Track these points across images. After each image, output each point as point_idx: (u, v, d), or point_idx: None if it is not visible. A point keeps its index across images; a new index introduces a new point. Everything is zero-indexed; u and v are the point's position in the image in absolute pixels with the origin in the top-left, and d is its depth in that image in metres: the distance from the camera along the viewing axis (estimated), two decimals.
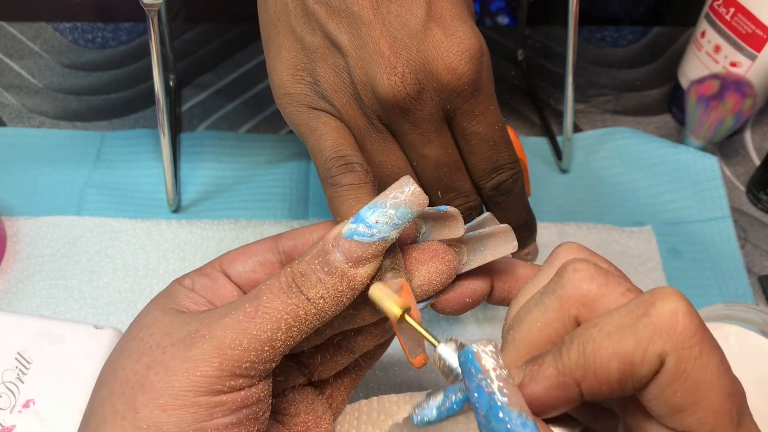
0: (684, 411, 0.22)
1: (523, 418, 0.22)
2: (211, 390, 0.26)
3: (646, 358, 0.22)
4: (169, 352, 0.27)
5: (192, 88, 0.63)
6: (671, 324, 0.22)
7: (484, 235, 0.31)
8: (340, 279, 0.28)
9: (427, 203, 0.28)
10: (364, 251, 0.28)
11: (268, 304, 0.27)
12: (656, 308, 0.22)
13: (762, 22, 0.53)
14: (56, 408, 0.39)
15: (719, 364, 0.22)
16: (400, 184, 0.28)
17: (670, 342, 0.22)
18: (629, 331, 0.22)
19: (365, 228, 0.28)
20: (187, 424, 0.26)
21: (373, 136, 0.35)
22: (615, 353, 0.22)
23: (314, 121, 0.34)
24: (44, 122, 0.60)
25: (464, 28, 0.33)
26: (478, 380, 0.23)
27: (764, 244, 0.55)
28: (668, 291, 0.23)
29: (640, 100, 0.64)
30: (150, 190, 0.55)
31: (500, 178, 0.36)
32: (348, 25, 0.33)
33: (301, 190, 0.56)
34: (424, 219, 0.31)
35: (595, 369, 0.23)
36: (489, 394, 0.23)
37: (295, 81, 0.35)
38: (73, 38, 0.66)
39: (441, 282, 0.30)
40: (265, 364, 0.27)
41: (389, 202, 0.28)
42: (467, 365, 0.23)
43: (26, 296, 0.49)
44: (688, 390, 0.22)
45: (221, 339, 0.27)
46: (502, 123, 0.35)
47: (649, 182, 0.57)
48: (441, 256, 0.30)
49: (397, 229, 0.28)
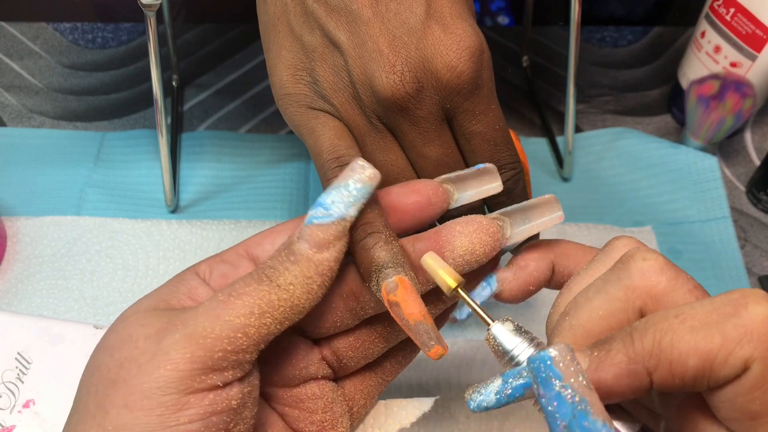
0: (760, 419, 0.21)
1: (608, 428, 0.21)
2: (182, 387, 0.25)
3: (730, 360, 0.21)
4: (141, 347, 0.26)
5: (192, 88, 0.63)
6: (763, 329, 0.21)
7: (526, 207, 0.31)
8: (306, 265, 0.28)
9: (379, 177, 0.29)
10: (324, 233, 0.28)
11: (240, 290, 0.27)
12: (748, 310, 0.22)
13: (762, 22, 0.53)
14: (56, 408, 0.39)
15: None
16: (351, 164, 0.29)
17: (761, 348, 0.21)
18: (716, 328, 0.22)
19: (323, 210, 0.28)
20: (153, 426, 0.25)
21: (372, 136, 0.34)
22: (697, 349, 0.22)
23: (313, 121, 0.34)
24: (44, 122, 0.60)
25: (464, 26, 0.33)
26: (558, 388, 0.22)
27: (764, 244, 0.55)
28: (761, 294, 0.22)
29: (640, 101, 0.64)
30: (150, 190, 0.55)
31: (501, 178, 0.36)
32: (347, 23, 0.33)
33: (301, 190, 0.56)
34: (456, 183, 0.32)
35: (671, 361, 0.22)
36: (572, 404, 0.22)
37: (294, 81, 0.35)
38: (73, 38, 0.66)
39: (485, 253, 0.30)
40: (239, 354, 0.26)
41: (341, 182, 0.28)
42: (545, 372, 0.22)
43: (26, 296, 0.49)
44: None
45: (192, 328, 0.26)
46: (503, 122, 0.35)
47: (649, 182, 0.57)
48: (485, 227, 0.30)
49: (354, 206, 0.28)
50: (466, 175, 0.32)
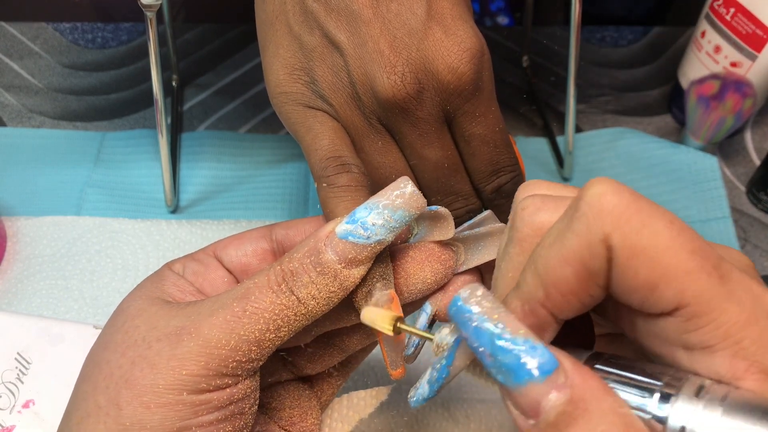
0: (657, 287, 0.20)
1: (531, 342, 0.20)
2: (196, 388, 0.26)
3: (592, 251, 0.21)
4: (154, 348, 0.26)
5: (192, 88, 0.63)
6: (600, 206, 0.20)
7: (481, 234, 0.31)
8: (332, 279, 0.27)
9: (425, 205, 0.28)
10: (358, 253, 0.27)
11: (256, 304, 0.27)
12: (584, 199, 0.21)
13: (762, 22, 0.52)
14: (56, 408, 0.39)
15: (668, 226, 0.20)
16: (398, 185, 0.27)
17: (607, 223, 0.20)
18: (568, 231, 0.21)
19: (362, 230, 0.27)
20: (171, 421, 0.26)
21: (371, 137, 0.34)
22: (564, 258, 0.21)
23: (311, 120, 0.34)
24: (44, 122, 0.60)
25: (465, 28, 0.33)
26: (473, 322, 0.21)
27: (764, 244, 0.55)
28: (594, 180, 0.21)
29: (640, 101, 0.64)
30: (150, 190, 0.55)
31: (500, 181, 0.35)
32: (347, 23, 0.33)
33: (301, 190, 0.56)
34: (416, 219, 0.31)
35: (553, 283, 0.22)
36: (488, 329, 0.21)
37: (292, 80, 0.34)
38: (73, 38, 0.66)
39: (436, 281, 0.30)
40: (252, 363, 0.27)
41: (385, 202, 0.27)
42: (460, 313, 0.21)
43: (26, 296, 0.49)
44: (647, 263, 0.20)
45: (207, 338, 0.26)
46: (503, 124, 0.35)
47: (649, 182, 0.57)
48: (437, 255, 0.30)
49: (394, 232, 0.27)
50: (421, 214, 0.31)
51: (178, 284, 0.30)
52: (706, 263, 0.20)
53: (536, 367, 0.20)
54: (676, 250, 0.20)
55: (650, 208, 0.21)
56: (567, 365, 0.20)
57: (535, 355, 0.20)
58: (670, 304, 0.20)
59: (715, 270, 0.20)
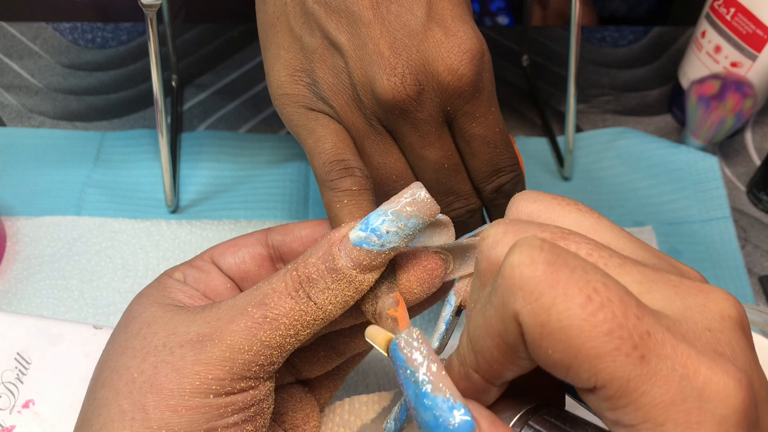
0: (570, 368, 0.19)
1: (450, 402, 0.20)
2: (221, 391, 0.27)
3: (506, 327, 0.20)
4: (177, 353, 0.27)
5: (192, 88, 0.63)
6: (512, 280, 0.19)
7: (467, 245, 0.30)
8: (348, 285, 0.28)
9: (439, 212, 0.28)
10: (372, 260, 0.28)
11: (276, 311, 0.27)
12: (501, 269, 0.20)
13: (762, 22, 0.52)
14: (56, 408, 0.39)
15: (585, 304, 0.18)
16: (412, 192, 0.27)
17: (518, 299, 0.19)
18: (488, 303, 0.20)
19: (375, 238, 0.27)
20: (198, 424, 0.26)
21: (372, 138, 0.34)
22: (485, 330, 0.20)
23: (313, 122, 0.34)
24: (44, 122, 0.60)
25: (465, 29, 0.33)
26: (403, 371, 0.21)
27: (765, 244, 0.55)
28: (515, 245, 0.20)
29: (640, 100, 0.64)
30: (150, 190, 0.55)
31: (501, 181, 0.36)
32: (348, 25, 0.33)
33: (301, 190, 0.56)
34: None
35: (480, 351, 0.21)
36: (413, 383, 0.21)
37: (293, 82, 0.34)
38: (73, 38, 0.66)
39: (423, 291, 0.30)
40: (273, 366, 0.28)
41: (399, 209, 0.27)
42: (394, 359, 0.22)
43: (26, 296, 0.49)
44: (558, 344, 0.19)
45: (231, 345, 0.27)
46: (503, 125, 0.35)
47: (649, 182, 0.57)
48: (425, 264, 0.30)
49: (407, 239, 0.28)
50: None
51: (184, 290, 0.31)
52: (624, 344, 0.18)
53: (453, 428, 0.20)
54: (589, 332, 0.18)
55: (569, 279, 0.19)
56: (484, 427, 0.20)
57: (452, 416, 0.20)
58: (587, 384, 0.19)
59: (635, 350, 0.18)
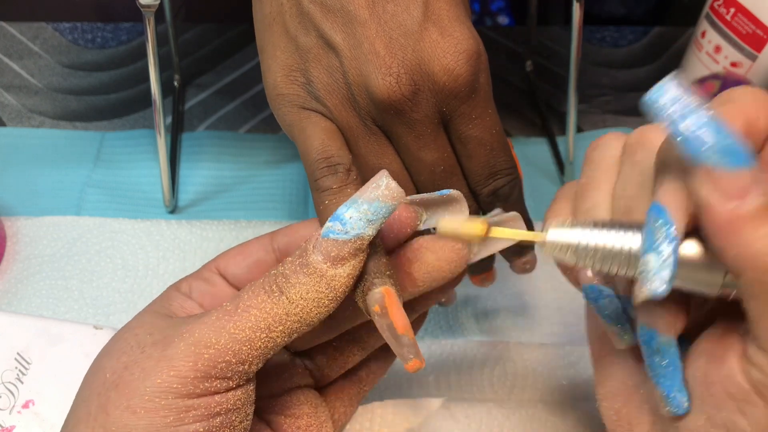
0: None
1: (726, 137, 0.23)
2: (184, 392, 0.26)
3: None
4: (147, 352, 0.26)
5: (192, 88, 0.63)
6: None
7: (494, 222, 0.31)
8: (318, 279, 0.27)
9: (404, 197, 0.27)
10: (340, 249, 0.27)
11: (247, 302, 0.27)
12: None
13: (762, 22, 0.52)
14: (56, 408, 0.39)
15: None
16: (375, 179, 0.27)
17: None
18: None
19: (340, 225, 0.27)
20: (156, 428, 0.25)
21: (367, 138, 0.34)
22: None
23: (305, 121, 0.34)
24: (44, 122, 0.60)
25: (462, 29, 0.33)
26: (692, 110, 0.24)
27: None
28: None
29: (640, 100, 0.64)
30: (150, 190, 0.55)
31: (497, 184, 0.35)
32: (343, 24, 0.33)
33: (301, 191, 0.56)
34: (425, 206, 0.31)
35: None
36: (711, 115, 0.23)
37: (288, 82, 0.34)
38: (73, 38, 0.66)
39: (450, 270, 0.30)
40: (243, 365, 0.27)
41: (363, 197, 0.27)
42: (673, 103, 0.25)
43: (26, 296, 0.49)
44: None
45: (198, 338, 0.26)
46: (500, 127, 0.35)
47: None
48: (450, 244, 0.30)
49: (373, 225, 0.27)
50: (432, 199, 0.31)
51: (184, 305, 0.31)
52: None
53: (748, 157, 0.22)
54: None
55: None
56: None
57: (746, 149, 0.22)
58: None
59: None
